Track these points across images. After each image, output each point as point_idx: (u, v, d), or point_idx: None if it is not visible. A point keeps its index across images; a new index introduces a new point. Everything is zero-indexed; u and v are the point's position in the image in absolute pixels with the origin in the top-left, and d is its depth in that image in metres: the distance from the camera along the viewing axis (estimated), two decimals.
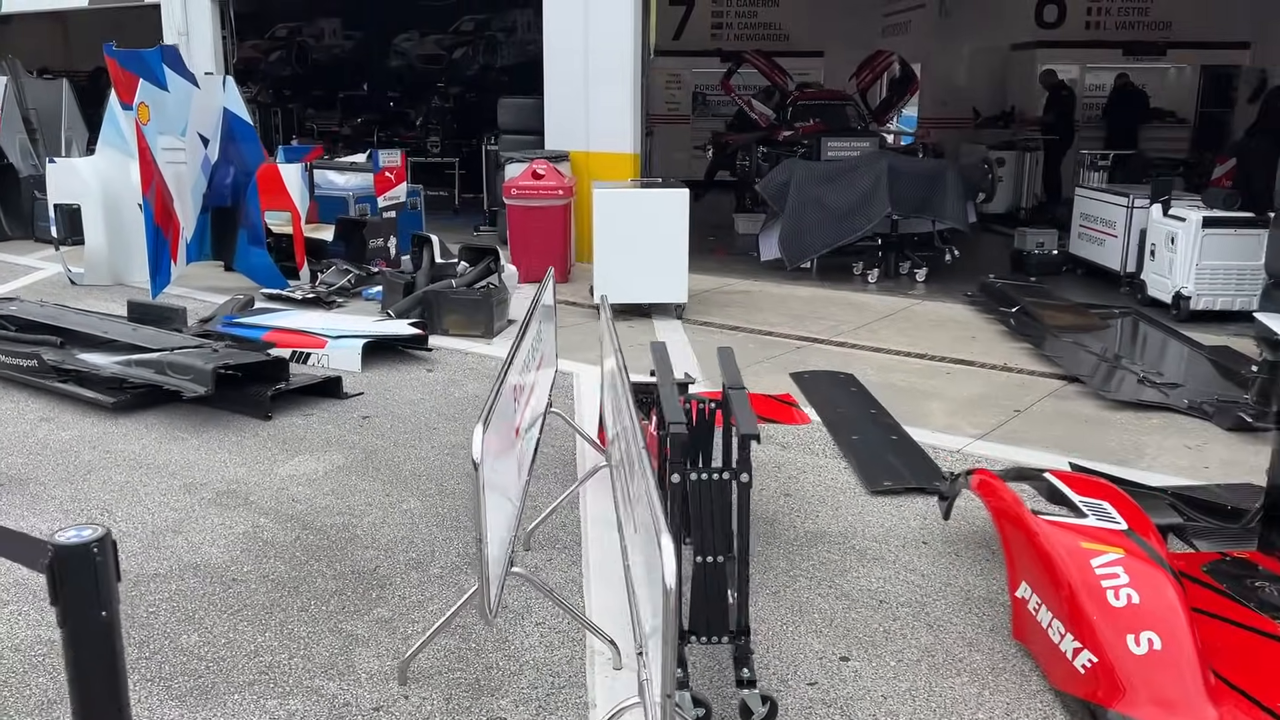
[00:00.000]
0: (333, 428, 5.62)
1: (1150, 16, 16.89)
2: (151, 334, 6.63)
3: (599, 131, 10.34)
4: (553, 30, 10.58)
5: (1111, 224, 9.30)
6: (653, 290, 8.24)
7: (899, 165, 9.39)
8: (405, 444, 5.36)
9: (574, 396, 6.22)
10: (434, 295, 7.60)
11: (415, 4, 22.46)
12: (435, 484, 4.82)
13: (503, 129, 11.97)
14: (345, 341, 6.78)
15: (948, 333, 7.83)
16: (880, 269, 9.79)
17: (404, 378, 6.59)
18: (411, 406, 5.99)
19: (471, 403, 6.05)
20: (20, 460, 5.10)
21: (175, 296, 8.84)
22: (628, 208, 8.09)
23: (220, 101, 9.12)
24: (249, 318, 7.36)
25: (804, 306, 8.77)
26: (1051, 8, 16.90)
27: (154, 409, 5.87)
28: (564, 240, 9.74)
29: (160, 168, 8.56)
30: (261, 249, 9.04)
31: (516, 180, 9.58)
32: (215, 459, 5.12)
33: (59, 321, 6.95)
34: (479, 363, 6.94)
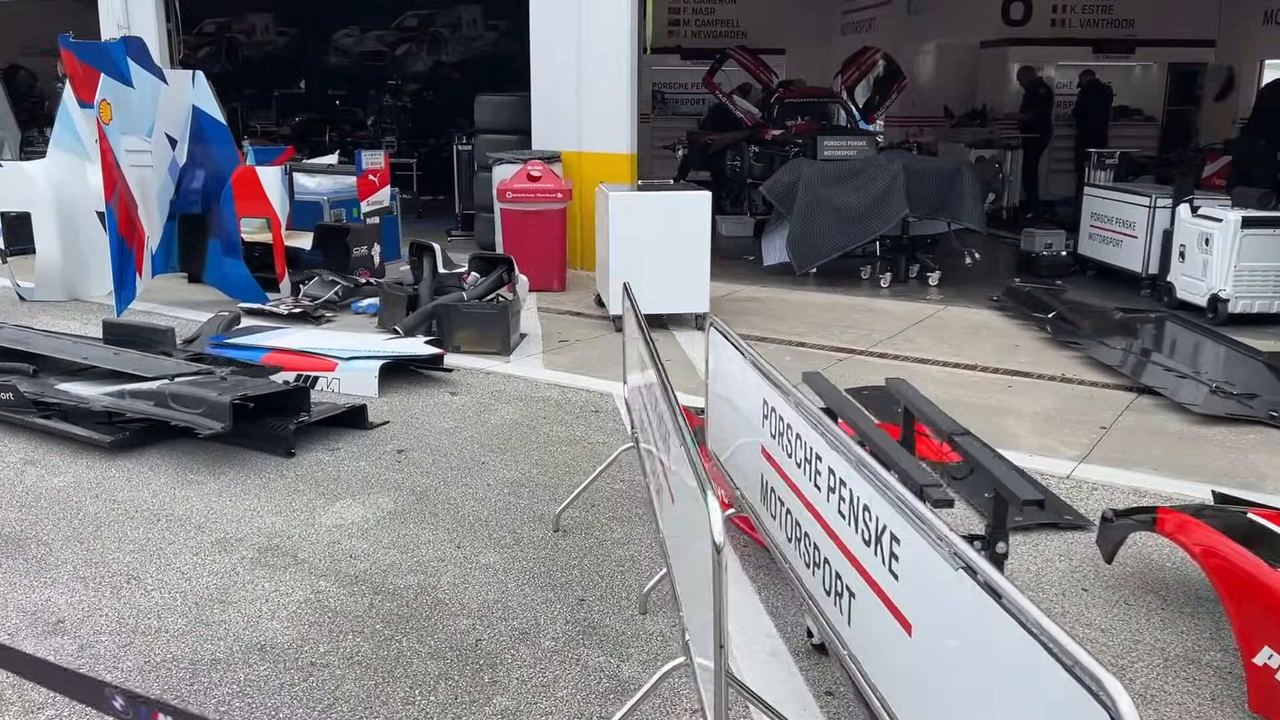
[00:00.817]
0: (366, 464, 4.98)
1: (1114, 14, 16.89)
2: (137, 359, 5.89)
3: (593, 131, 9.79)
4: (541, 22, 9.99)
5: (1130, 225, 9.05)
6: (672, 299, 7.71)
7: (915, 165, 9.02)
8: (456, 483, 4.75)
9: (625, 420, 5.65)
10: (444, 309, 6.97)
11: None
12: (508, 532, 4.23)
13: (480, 128, 11.33)
14: (358, 363, 6.12)
15: (987, 341, 7.46)
16: (892, 273, 9.41)
17: (427, 403, 5.97)
18: (448, 437, 5.38)
19: (513, 431, 5.46)
20: (13, 514, 4.37)
21: (141, 313, 8.07)
22: (646, 211, 7.55)
23: (189, 99, 8.33)
24: (241, 337, 6.65)
25: (826, 314, 8.33)
26: (1018, 5, 16.80)
27: (155, 447, 5.16)
28: (562, 246, 9.17)
29: (124, 171, 7.78)
30: (238, 260, 8.28)
31: (510, 183, 8.97)
32: (243, 506, 4.46)
33: (26, 346, 6.17)
34: (504, 384, 6.34)
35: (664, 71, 18.84)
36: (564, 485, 4.70)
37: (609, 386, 6.25)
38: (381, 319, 7.64)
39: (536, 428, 5.53)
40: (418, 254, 7.76)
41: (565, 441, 5.31)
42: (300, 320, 7.82)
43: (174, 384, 5.24)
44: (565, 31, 9.74)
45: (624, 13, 9.46)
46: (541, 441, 5.30)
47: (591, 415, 5.75)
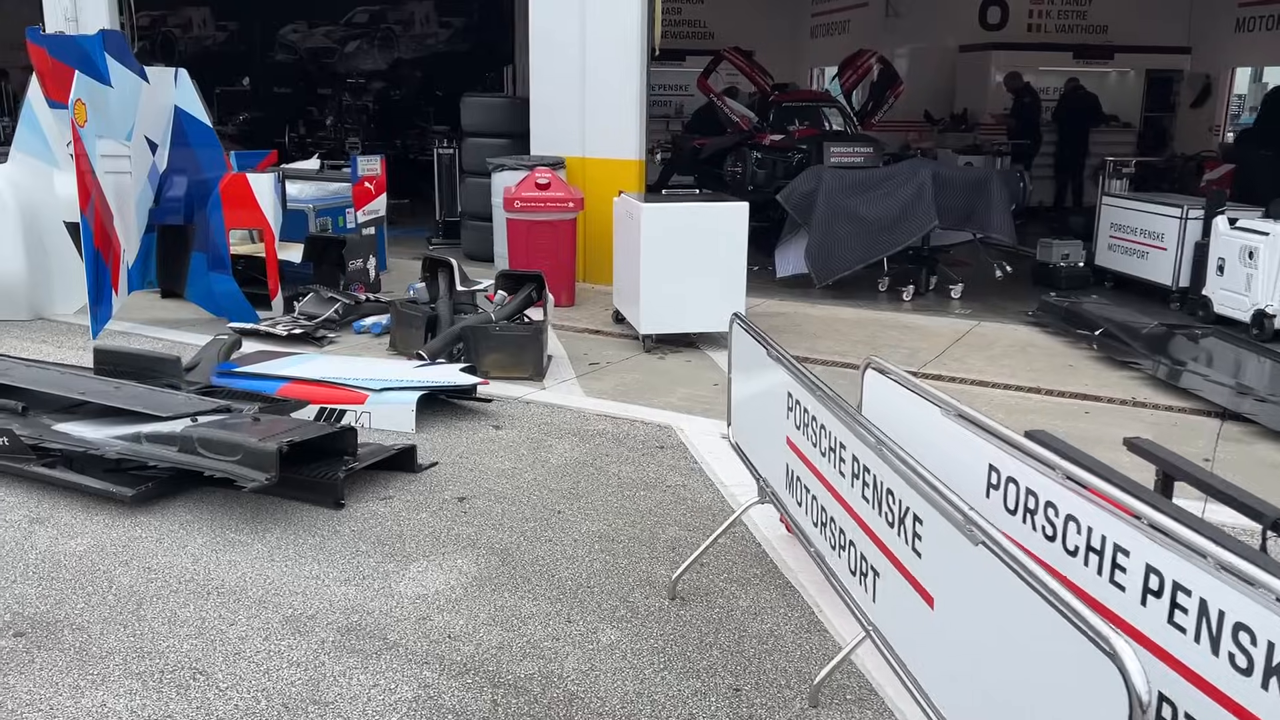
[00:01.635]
0: (428, 516, 4.41)
1: (1089, 20, 16.86)
2: (142, 393, 5.22)
3: (598, 135, 9.25)
4: (542, 20, 9.41)
5: (1158, 236, 8.81)
6: (705, 317, 7.22)
7: (943, 174, 8.66)
8: (537, 538, 4.21)
9: (696, 457, 5.15)
10: (472, 331, 6.39)
11: None
12: (619, 600, 3.71)
13: (468, 131, 10.73)
14: (392, 395, 5.52)
15: (1038, 360, 7.11)
16: (915, 285, 9.05)
17: (471, 439, 5.40)
18: (508, 480, 4.83)
19: (578, 472, 4.93)
20: (32, 590, 3.72)
21: (119, 334, 7.38)
22: (681, 224, 7.05)
23: (171, 99, 7.61)
24: (251, 366, 5.99)
25: (858, 330, 7.93)
26: (995, 9, 16.68)
27: (179, 499, 4.53)
28: (573, 259, 8.62)
29: (99, 179, 7.05)
30: (226, 275, 7.58)
31: (519, 191, 8.40)
32: (303, 573, 3.87)
33: (8, 378, 5.45)
34: (549, 415, 5.79)
35: None
36: (659, 540, 4.20)
37: (664, 417, 5.75)
38: (393, 341, 7.03)
39: (603, 468, 5.00)
40: (432, 270, 7.16)
41: (640, 485, 4.79)
42: (301, 342, 7.17)
43: (199, 426, 4.60)
44: (568, 30, 9.19)
45: (633, 11, 8.94)
46: (614, 485, 4.78)
47: (657, 452, 5.24)
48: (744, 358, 3.95)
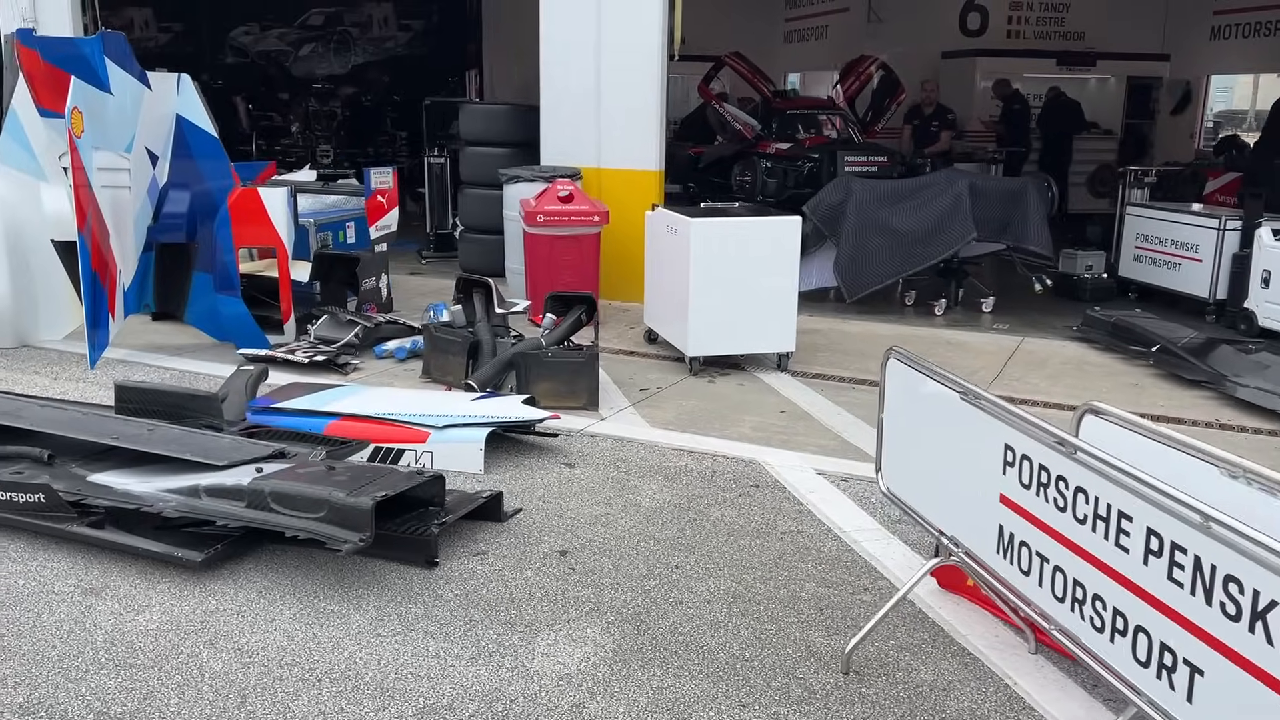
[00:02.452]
0: (533, 575, 3.96)
1: (1066, 26, 16.86)
2: (181, 436, 4.68)
3: (616, 145, 8.83)
4: (553, 24, 8.97)
5: (1192, 247, 8.65)
6: (755, 338, 6.87)
7: (979, 184, 8.40)
8: (664, 599, 3.79)
9: (796, 498, 4.76)
10: (522, 358, 5.94)
11: None
12: (788, 677, 3.30)
13: (467, 140, 10.22)
14: (457, 432, 5.04)
15: (1101, 379, 6.87)
16: (946, 299, 8.78)
17: (546, 480, 4.95)
18: (605, 529, 4.39)
19: (677, 518, 4.51)
20: (110, 680, 3.20)
21: (118, 363, 6.78)
22: (731, 240, 6.66)
23: (172, 107, 7.02)
24: (290, 401, 5.46)
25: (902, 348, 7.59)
26: (975, 15, 16.60)
27: (247, 560, 4.02)
28: (596, 275, 8.18)
29: (95, 193, 6.46)
30: (235, 297, 7.01)
31: (541, 205, 7.94)
32: (419, 650, 3.39)
33: (22, 421, 4.86)
34: (620, 450, 5.36)
35: None
36: (801, 600, 3.80)
37: (743, 450, 5.36)
38: (427, 368, 6.54)
39: (702, 512, 4.59)
40: (466, 290, 6.67)
41: (751, 532, 4.39)
42: (322, 370, 6.64)
43: (269, 478, 4.09)
44: (583, 36, 8.76)
45: (654, 14, 8.54)
46: (723, 533, 4.37)
47: (753, 492, 4.84)
48: (908, 398, 3.58)
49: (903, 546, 4.26)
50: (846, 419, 5.92)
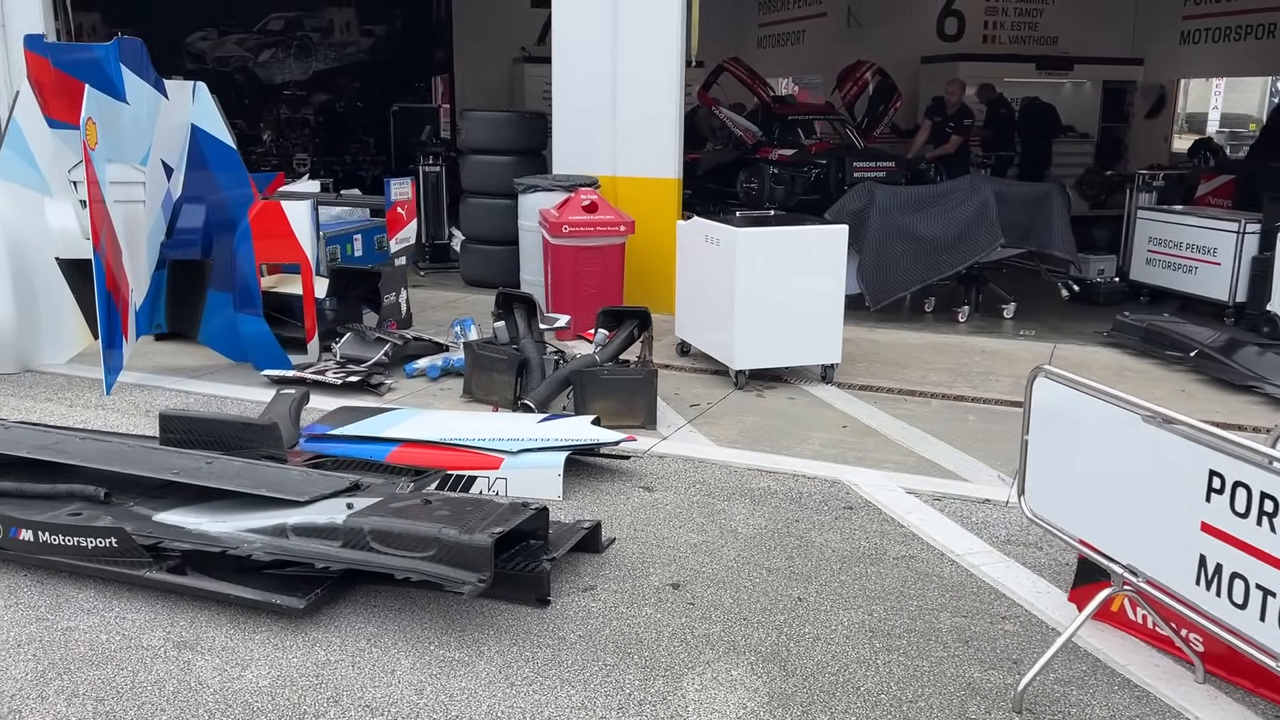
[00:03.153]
0: (653, 611, 3.74)
1: (1040, 31, 17.03)
2: (241, 468, 4.39)
3: (633, 152, 8.62)
4: (567, 28, 8.74)
5: (1210, 251, 8.69)
6: (801, 350, 6.71)
7: (1004, 190, 8.34)
8: (800, 636, 3.59)
9: (895, 519, 4.59)
10: (578, 376, 5.70)
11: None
12: (958, 717, 3.13)
13: (470, 148, 9.93)
14: (532, 457, 4.80)
15: (1148, 387, 6.80)
16: (970, 305, 8.71)
17: (628, 505, 4.73)
18: (709, 558, 4.19)
19: (781, 544, 4.32)
20: None
21: (132, 386, 6.44)
22: (779, 251, 6.49)
23: (188, 116, 6.66)
24: (343, 426, 5.17)
25: (937, 357, 7.51)
26: (952, 20, 16.68)
27: (343, 603, 3.74)
28: (620, 286, 7.96)
29: (109, 209, 6.10)
30: (256, 315, 6.68)
31: (565, 215, 7.71)
32: (563, 702, 3.16)
33: (68, 456, 4.52)
34: (694, 471, 5.16)
35: None
36: (942, 632, 3.63)
37: (821, 469, 5.18)
38: (469, 387, 6.27)
39: (803, 537, 4.40)
40: (507, 306, 6.41)
41: (862, 558, 4.21)
42: (356, 391, 6.35)
43: (364, 515, 3.82)
44: (599, 40, 8.54)
45: (673, 16, 8.34)
46: (834, 560, 4.19)
47: (848, 514, 4.67)
48: (1062, 418, 3.43)
49: (1023, 570, 4.11)
50: (913, 433, 5.77)
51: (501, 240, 9.78)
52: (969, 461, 5.32)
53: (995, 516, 4.62)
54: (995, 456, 5.39)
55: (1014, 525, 4.52)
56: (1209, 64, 17.09)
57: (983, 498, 4.83)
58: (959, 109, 11.33)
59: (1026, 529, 4.47)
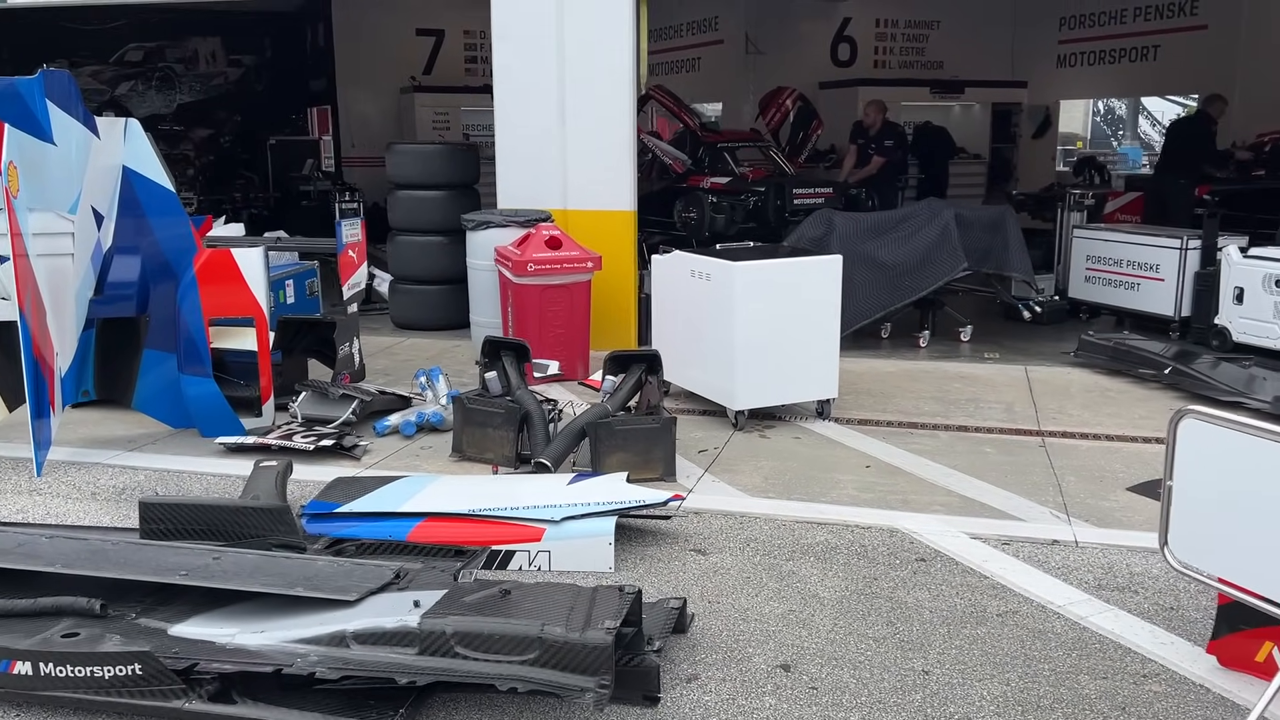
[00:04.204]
0: (777, 702, 3.34)
1: (926, 56, 17.45)
2: (258, 562, 3.80)
3: (585, 185, 8.22)
4: (507, 58, 8.29)
5: (1152, 267, 8.86)
6: (800, 386, 6.44)
7: (964, 214, 8.31)
8: (949, 717, 3.26)
9: (975, 569, 4.33)
10: (593, 428, 5.26)
11: (59, 27, 18.31)
12: None
13: (398, 183, 9.33)
14: (578, 526, 4.34)
15: (1135, 406, 6.82)
16: (930, 330, 8.64)
17: (687, 572, 4.32)
18: (805, 630, 3.82)
19: (868, 605, 4.00)
20: None
21: (63, 465, 5.67)
22: (776, 284, 6.22)
23: (119, 157, 5.92)
24: (349, 503, 4.58)
25: (917, 385, 7.36)
26: (845, 46, 16.92)
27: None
28: (587, 324, 7.54)
29: (32, 264, 5.36)
30: (205, 376, 5.97)
31: (529, 252, 7.25)
32: None
33: (42, 560, 3.81)
34: (740, 527, 4.78)
35: (474, 113, 17.25)
36: (1089, 698, 3.38)
37: (871, 517, 4.89)
38: (459, 444, 5.73)
39: (893, 598, 4.09)
40: (495, 354, 5.91)
41: (965, 618, 3.92)
42: (330, 456, 5.72)
43: (443, 615, 3.29)
44: (543, 71, 8.12)
45: (623, 46, 8.01)
46: (937, 623, 3.88)
47: (924, 566, 4.38)
48: (1219, 462, 3.20)
49: (1132, 618, 3.90)
50: (939, 470, 5.55)
51: (436, 280, 9.25)
52: (1012, 499, 5.12)
53: (1073, 559, 4.41)
54: (1034, 491, 5.22)
55: (1096, 568, 4.32)
56: (1086, 86, 17.84)
57: (1049, 538, 4.62)
58: (880, 129, 11.36)
59: (1111, 572, 4.29)
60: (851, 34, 16.79)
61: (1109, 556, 4.42)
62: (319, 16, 17.98)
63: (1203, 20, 14.79)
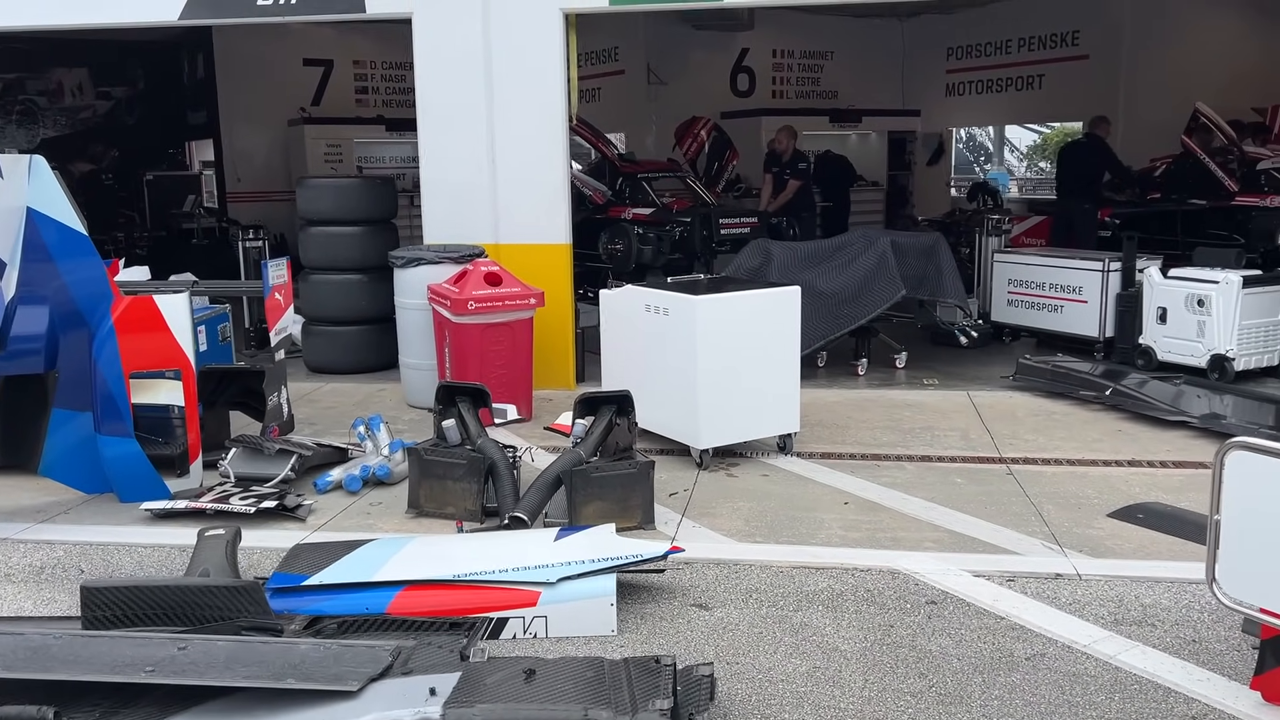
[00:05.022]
0: None
1: (821, 86, 17.72)
2: (233, 650, 3.36)
3: (517, 218, 7.93)
4: (430, 90, 7.94)
5: (1075, 290, 9.04)
6: (761, 422, 6.26)
7: (900, 241, 8.31)
8: None
9: (988, 610, 4.18)
10: (569, 476, 4.95)
11: None
12: None
13: (310, 219, 8.83)
14: (575, 587, 4.01)
15: (1084, 429, 6.85)
16: (867, 358, 8.60)
17: (693, 630, 4.05)
18: (840, 690, 3.59)
19: (893, 657, 3.80)
20: None
21: None
22: (738, 318, 6.04)
23: (22, 198, 5.33)
24: (321, 573, 4.15)
25: (868, 415, 7.29)
26: (743, 76, 17.04)
27: None
28: (529, 363, 7.22)
29: None
30: (126, 436, 5.43)
31: (467, 289, 6.89)
32: None
33: None
34: (734, 576, 4.53)
35: (369, 145, 16.73)
36: None
37: (867, 558, 4.72)
38: (415, 499, 5.33)
39: (915, 646, 3.90)
40: (449, 400, 5.54)
41: (996, 665, 3.76)
42: (272, 518, 5.25)
43: (460, 704, 2.94)
44: (473, 102, 7.80)
45: (555, 76, 7.76)
46: (969, 672, 3.71)
47: (935, 610, 4.21)
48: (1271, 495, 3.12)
49: (1162, 655, 3.80)
50: (918, 504, 5.42)
51: (354, 320, 8.81)
52: (1000, 531, 5.02)
53: (1081, 594, 4.31)
54: (1018, 521, 5.15)
55: (1107, 601, 4.23)
56: (975, 115, 18.42)
57: (1051, 572, 4.52)
58: (792, 155, 11.42)
59: (1123, 605, 4.20)
60: (750, 64, 16.94)
61: (1116, 589, 4.34)
62: (198, 46, 17.20)
63: (1084, 50, 15.44)
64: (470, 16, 7.72)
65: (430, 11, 7.81)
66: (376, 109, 17.50)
